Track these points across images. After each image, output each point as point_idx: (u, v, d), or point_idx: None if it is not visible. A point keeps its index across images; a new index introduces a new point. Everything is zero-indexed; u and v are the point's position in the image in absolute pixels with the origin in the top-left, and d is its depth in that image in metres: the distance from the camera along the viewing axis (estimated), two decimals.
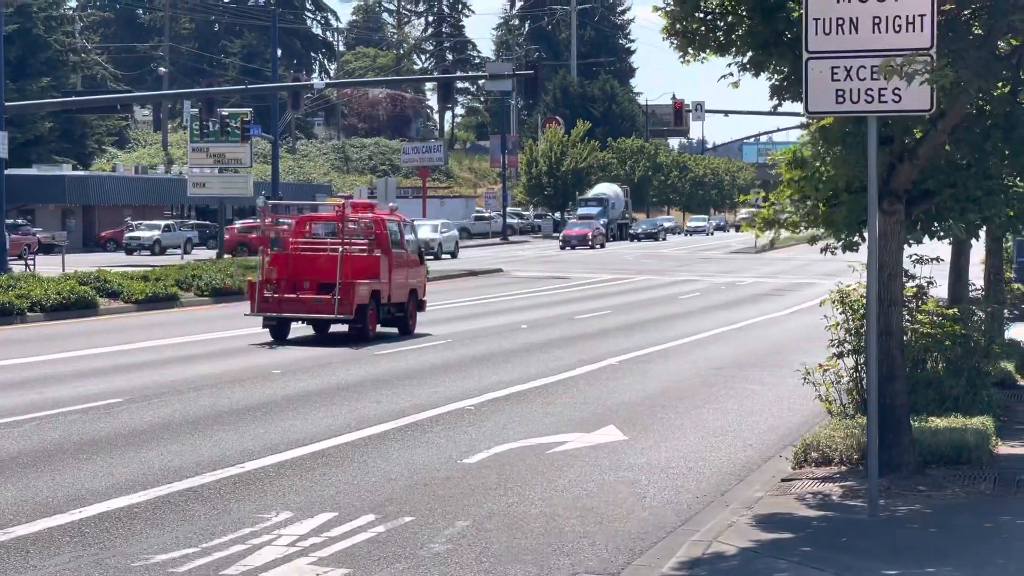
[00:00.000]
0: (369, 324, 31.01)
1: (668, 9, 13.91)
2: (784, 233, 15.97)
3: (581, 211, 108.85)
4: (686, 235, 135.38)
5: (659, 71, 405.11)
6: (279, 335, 30.94)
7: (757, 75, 14.02)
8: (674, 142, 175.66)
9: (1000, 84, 13.62)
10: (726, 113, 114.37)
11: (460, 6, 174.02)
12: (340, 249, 31.01)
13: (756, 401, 21.97)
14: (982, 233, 24.10)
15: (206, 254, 75.11)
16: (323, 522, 13.14)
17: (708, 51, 14.16)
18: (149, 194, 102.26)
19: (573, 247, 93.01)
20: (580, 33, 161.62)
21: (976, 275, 27.62)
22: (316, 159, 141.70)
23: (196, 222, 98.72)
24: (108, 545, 12.30)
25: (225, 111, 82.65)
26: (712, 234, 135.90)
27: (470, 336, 32.36)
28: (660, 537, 12.74)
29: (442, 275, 60.66)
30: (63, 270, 46.05)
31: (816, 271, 58.66)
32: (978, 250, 28.78)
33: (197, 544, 12.29)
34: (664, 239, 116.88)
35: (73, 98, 76.94)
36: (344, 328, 31.30)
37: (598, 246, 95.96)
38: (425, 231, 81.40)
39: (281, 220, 36.00)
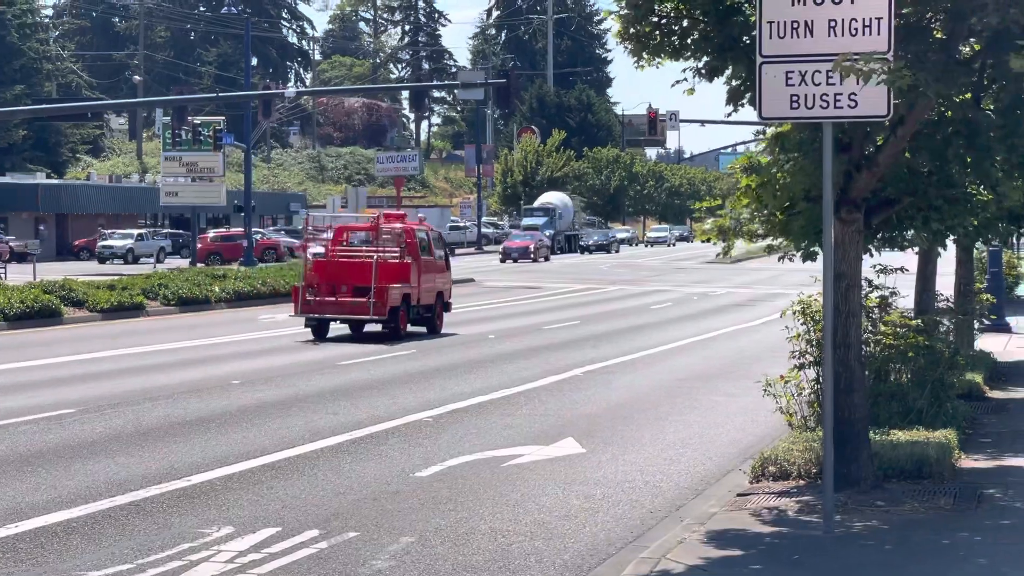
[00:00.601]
0: (400, 324, 34.01)
1: (621, 13, 13.57)
2: (740, 242, 15.63)
3: (525, 221, 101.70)
4: (647, 246, 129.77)
5: (636, 81, 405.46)
6: (319, 334, 33.68)
7: (711, 80, 13.69)
8: (651, 152, 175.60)
9: (962, 90, 13.30)
10: (702, 123, 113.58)
11: (437, 15, 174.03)
12: (375, 256, 34.08)
13: (719, 413, 21.64)
14: (950, 243, 23.90)
15: (180, 263, 74.65)
16: (265, 537, 12.77)
17: (663, 56, 13.83)
18: (123, 203, 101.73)
19: (515, 260, 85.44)
20: (557, 43, 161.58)
21: (947, 285, 27.38)
22: (291, 168, 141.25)
23: (170, 231, 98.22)
24: (41, 561, 11.92)
25: (198, 120, 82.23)
26: (674, 244, 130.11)
27: (435, 347, 32.01)
28: (609, 554, 12.41)
29: None
30: (34, 278, 45.55)
31: (790, 281, 58.36)
32: (949, 260, 28.57)
33: (133, 560, 11.92)
34: (617, 251, 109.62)
35: (44, 105, 76.42)
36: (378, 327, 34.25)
37: (541, 259, 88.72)
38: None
39: (318, 230, 39.01)
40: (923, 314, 20.70)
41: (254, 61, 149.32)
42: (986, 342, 29.77)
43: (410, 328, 34.83)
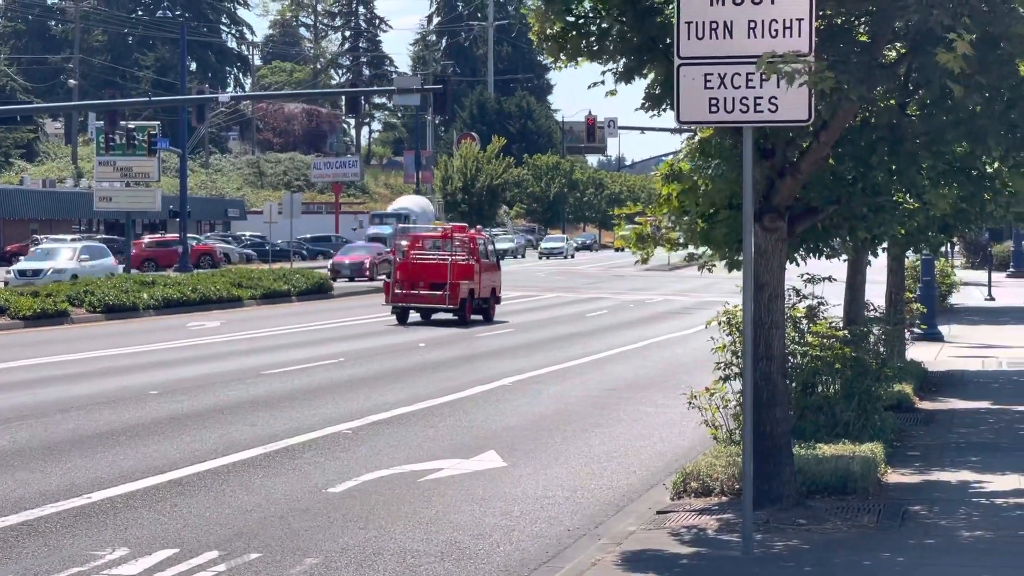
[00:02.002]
0: (467, 312, 41.76)
1: (537, 10, 13.08)
2: (661, 251, 15.19)
3: (371, 230, 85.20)
4: (541, 257, 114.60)
5: (577, 88, 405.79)
6: (402, 319, 41.90)
7: (629, 82, 13.22)
8: (593, 159, 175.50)
9: (886, 94, 12.91)
10: (642, 130, 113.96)
11: (377, 21, 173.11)
12: (450, 259, 41.90)
13: (646, 424, 21.20)
14: (882, 251, 23.59)
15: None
16: (160, 560, 12.18)
17: (581, 57, 13.36)
18: (56, 208, 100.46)
19: (350, 278, 67.34)
20: (497, 49, 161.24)
21: (879, 294, 27.08)
22: (229, 174, 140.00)
23: (104, 236, 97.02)
24: None
25: (132, 124, 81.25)
26: (572, 256, 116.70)
27: (365, 355, 31.44)
28: (522, 575, 11.90)
29: (350, 292, 59.69)
30: None
31: (727, 289, 58.09)
32: (881, 269, 28.30)
33: None
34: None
35: None
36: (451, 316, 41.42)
37: (382, 276, 62.58)
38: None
39: (402, 240, 45.89)
40: (852, 324, 20.34)
41: (193, 66, 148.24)
42: (918, 351, 29.53)
43: (494, 317, 43.45)
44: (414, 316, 42.86)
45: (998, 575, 11.33)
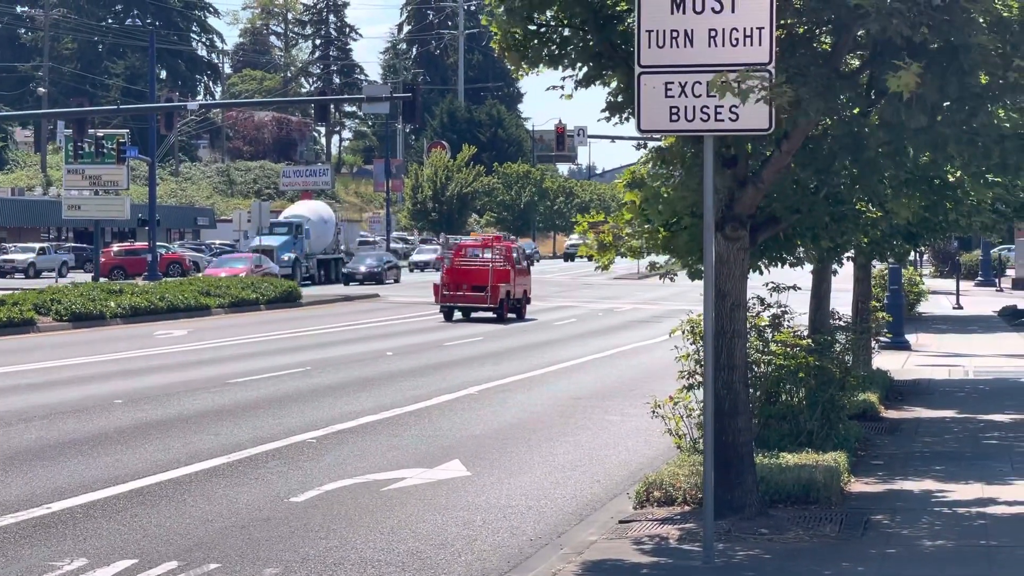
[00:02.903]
0: (504, 311, 47.74)
1: (499, 19, 13.05)
2: (630, 260, 15.15)
3: (256, 241, 72.11)
4: (411, 271, 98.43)
5: (547, 97, 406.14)
6: (448, 317, 47.61)
7: (587, 87, 13.20)
8: (564, 167, 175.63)
9: (848, 104, 12.90)
10: (612, 139, 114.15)
11: (348, 30, 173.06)
12: (490, 265, 47.67)
13: (612, 433, 21.16)
14: (847, 260, 23.64)
15: (82, 277, 73.18)
16: (119, 571, 12.10)
17: (542, 65, 13.33)
18: (25, 216, 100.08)
19: None
20: (468, 58, 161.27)
21: (845, 302, 27.12)
22: (199, 182, 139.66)
23: (73, 245, 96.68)
24: None
25: (100, 132, 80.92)
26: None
27: (332, 364, 31.33)
28: None
29: (316, 300, 59.54)
30: None
31: (695, 297, 58.14)
32: (847, 278, 28.35)
33: None
34: (397, 281, 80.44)
35: None
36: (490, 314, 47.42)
37: None
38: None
39: (449, 249, 51.07)
40: (817, 332, 20.35)
41: (163, 74, 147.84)
42: (885, 360, 29.59)
43: (525, 315, 49.56)
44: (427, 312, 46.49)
45: None
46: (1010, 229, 66.28)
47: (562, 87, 13.46)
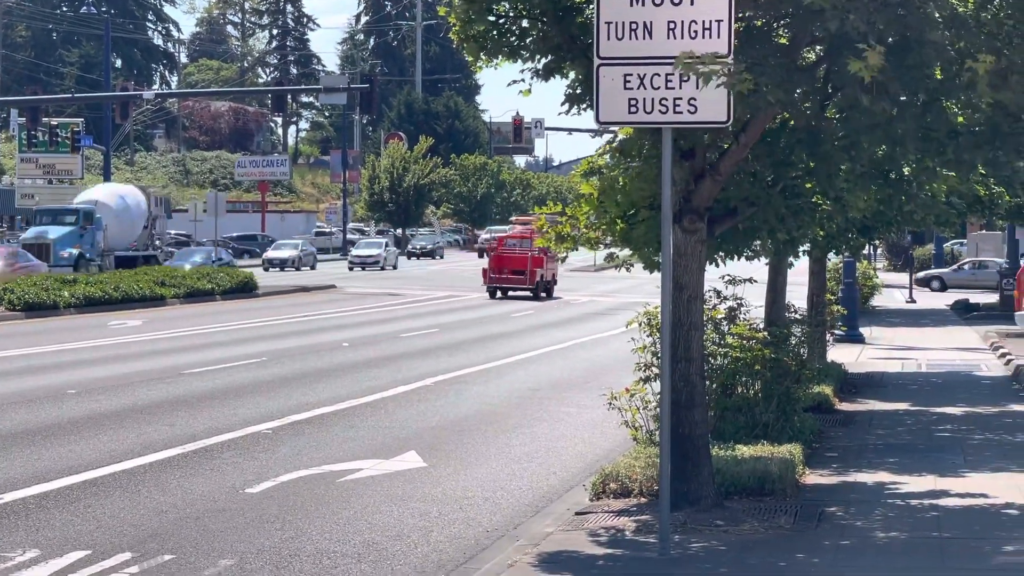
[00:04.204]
0: (539, 291, 57.12)
1: (458, 10, 13.03)
2: (582, 251, 15.17)
3: (33, 232, 63.02)
4: (351, 268, 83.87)
5: (504, 89, 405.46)
6: (492, 295, 57.24)
7: (547, 80, 13.21)
8: (520, 160, 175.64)
9: (805, 96, 12.94)
10: (569, 131, 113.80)
11: (305, 20, 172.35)
12: (529, 253, 56.36)
13: (568, 425, 21.18)
14: (803, 253, 23.72)
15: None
16: (72, 562, 12.02)
17: (501, 57, 13.32)
18: None
19: None
20: (425, 49, 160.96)
21: (801, 296, 27.23)
22: (155, 171, 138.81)
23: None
24: None
25: (55, 121, 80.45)
26: (394, 267, 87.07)
27: (288, 354, 31.24)
28: None
29: (274, 291, 59.34)
30: None
31: (651, 290, 58.24)
32: (803, 271, 28.47)
33: None
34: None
35: None
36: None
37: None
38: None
39: (493, 239, 62.60)
40: (773, 325, 20.42)
41: (118, 63, 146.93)
42: (839, 353, 29.74)
43: (553, 295, 58.79)
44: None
45: None
46: (964, 224, 66.73)
47: (522, 80, 13.44)
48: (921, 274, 70.52)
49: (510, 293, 57.89)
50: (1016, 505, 14.39)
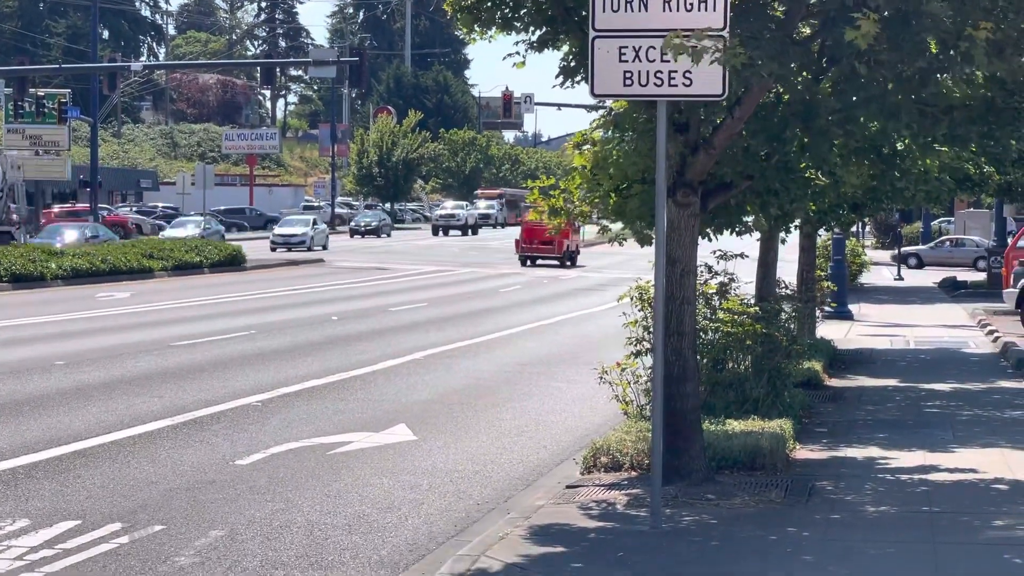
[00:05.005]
0: (564, 259, 62.97)
1: None
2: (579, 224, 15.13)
3: None
4: (274, 249, 73.77)
5: (494, 63, 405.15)
6: (523, 263, 62.97)
7: (541, 52, 13.14)
8: (510, 135, 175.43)
9: (800, 70, 12.90)
10: (559, 106, 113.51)
11: None
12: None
13: (558, 400, 21.17)
14: (793, 228, 23.71)
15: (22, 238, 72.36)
16: (62, 532, 11.99)
17: (495, 28, 13.25)
18: None
19: None
20: (415, 23, 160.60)
21: (790, 272, 27.23)
22: (142, 144, 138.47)
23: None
24: None
25: (42, 92, 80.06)
26: (324, 247, 76.70)
27: (277, 327, 31.18)
28: (429, 550, 11.82)
29: (262, 264, 59.26)
30: None
31: (642, 266, 58.20)
32: (793, 247, 28.46)
33: None
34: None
35: None
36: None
37: None
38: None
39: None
40: (764, 301, 20.41)
41: (105, 34, 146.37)
42: (828, 329, 29.77)
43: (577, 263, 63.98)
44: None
45: (903, 550, 11.39)
46: (952, 202, 66.82)
47: (517, 53, 13.37)
48: (899, 251, 70.96)
49: (539, 262, 63.46)
50: (1005, 480, 14.41)
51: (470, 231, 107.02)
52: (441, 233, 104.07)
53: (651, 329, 16.67)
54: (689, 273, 13.62)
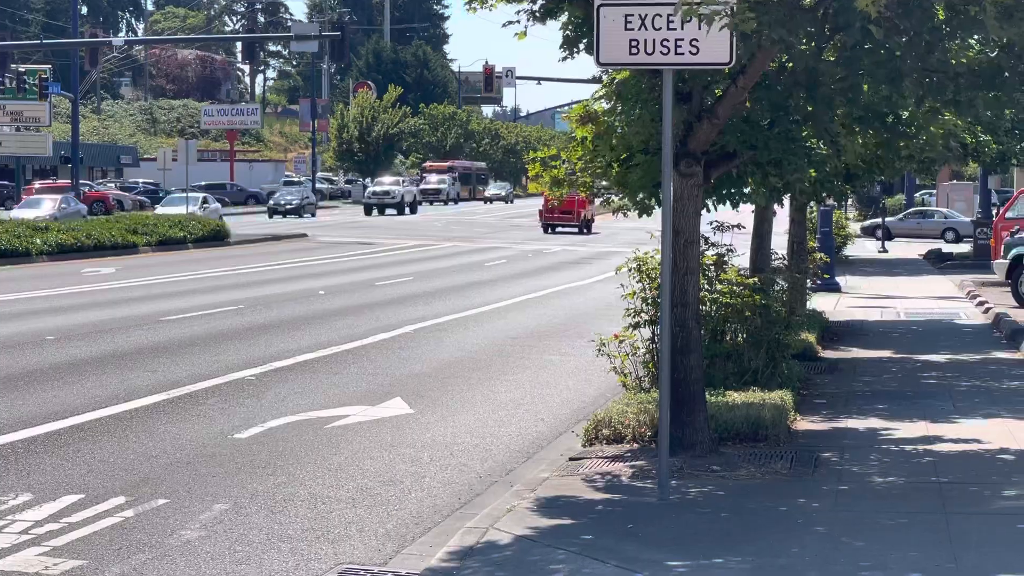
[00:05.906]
0: (582, 228, 70.76)
1: None
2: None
3: None
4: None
5: (473, 38, 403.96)
6: (546, 231, 70.30)
7: (545, 22, 13.02)
8: (488, 110, 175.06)
9: (805, 40, 12.81)
10: (538, 80, 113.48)
11: None
12: (576, 196, 64.68)
13: (552, 373, 21.10)
14: (786, 200, 23.64)
15: (1, 215, 72.07)
16: (66, 506, 11.89)
17: None
18: None
19: None
20: None
21: (780, 244, 27.17)
22: (122, 120, 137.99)
23: None
24: None
25: (22, 68, 79.66)
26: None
27: (265, 302, 31.04)
28: (435, 522, 11.74)
29: (246, 239, 59.05)
30: None
31: (624, 240, 58.25)
32: (782, 220, 28.40)
33: None
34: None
35: None
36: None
37: None
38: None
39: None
40: (759, 272, 20.35)
41: (84, 10, 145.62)
42: (818, 302, 29.73)
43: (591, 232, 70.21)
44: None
45: (915, 520, 11.34)
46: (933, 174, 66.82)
47: (517, 22, 13.25)
48: (867, 223, 71.52)
49: (559, 229, 70.72)
50: (1011, 451, 14.38)
51: (407, 209, 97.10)
52: (376, 212, 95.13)
53: (649, 300, 16.63)
54: (693, 243, 13.55)
